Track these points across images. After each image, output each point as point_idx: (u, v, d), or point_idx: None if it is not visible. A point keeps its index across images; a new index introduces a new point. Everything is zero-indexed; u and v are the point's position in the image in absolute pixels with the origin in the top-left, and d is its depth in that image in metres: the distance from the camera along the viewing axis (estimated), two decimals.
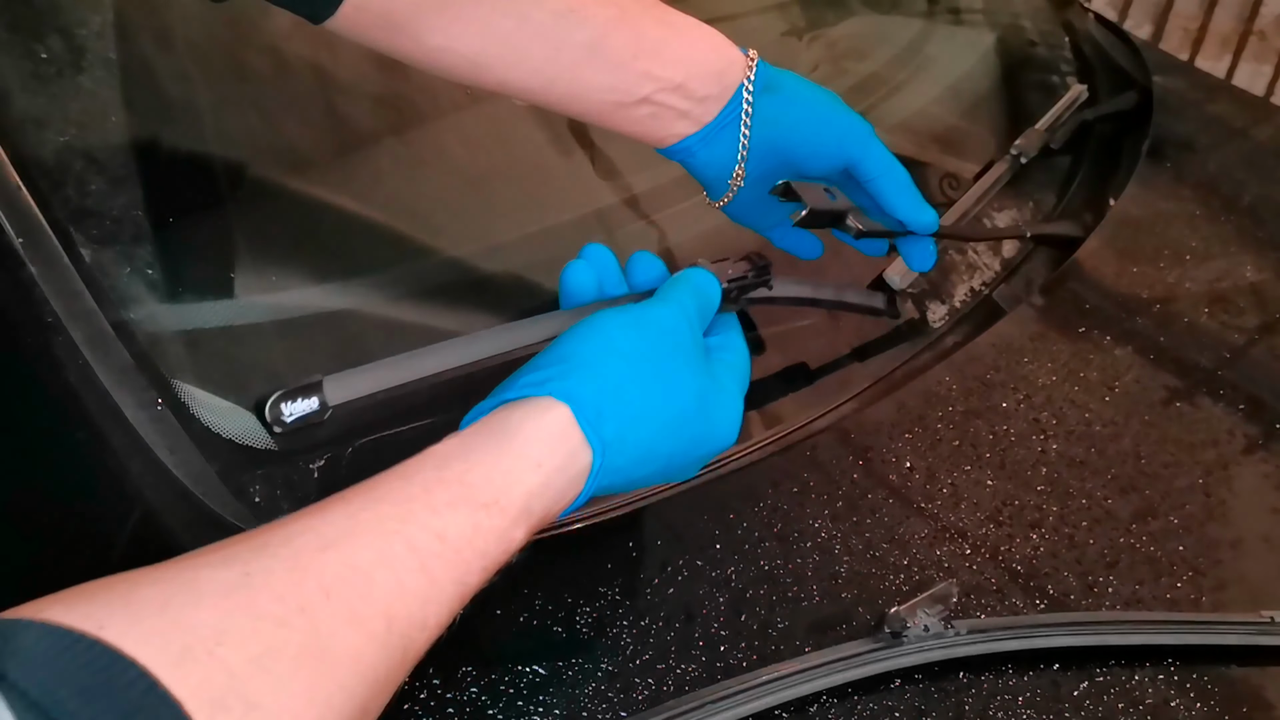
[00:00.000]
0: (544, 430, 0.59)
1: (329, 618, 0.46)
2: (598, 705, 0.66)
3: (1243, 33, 2.54)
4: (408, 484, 0.53)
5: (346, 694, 0.46)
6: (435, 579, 0.51)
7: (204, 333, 0.77)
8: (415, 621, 0.50)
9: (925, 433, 0.85)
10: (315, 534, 0.49)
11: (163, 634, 0.41)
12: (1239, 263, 1.07)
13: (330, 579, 0.47)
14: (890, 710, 0.68)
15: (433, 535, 0.51)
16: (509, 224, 0.93)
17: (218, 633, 0.43)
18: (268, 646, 0.44)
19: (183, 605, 0.43)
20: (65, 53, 0.78)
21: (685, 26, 0.80)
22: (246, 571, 0.45)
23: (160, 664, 0.40)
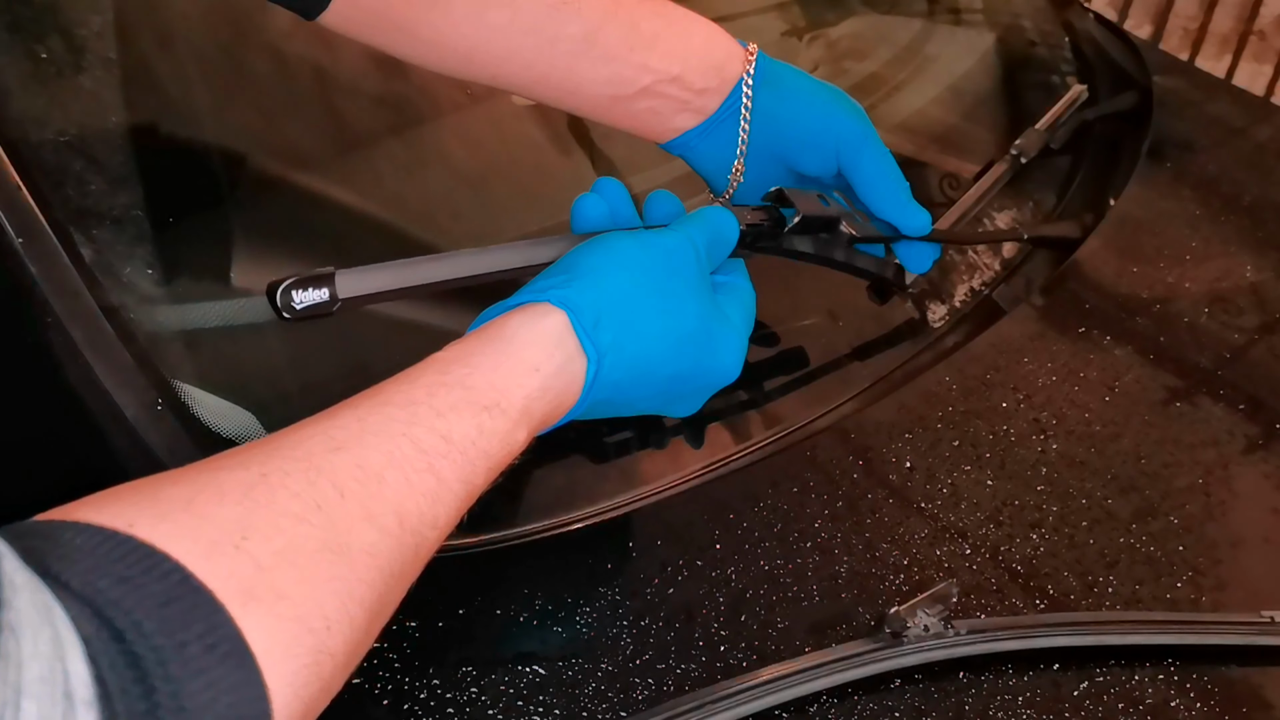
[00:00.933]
0: (541, 335, 0.60)
1: (344, 515, 0.48)
2: (598, 705, 0.66)
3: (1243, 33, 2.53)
4: (412, 387, 0.55)
5: (367, 586, 0.47)
6: (443, 478, 0.53)
7: (204, 333, 0.77)
8: (426, 519, 0.51)
9: (925, 433, 0.85)
10: (326, 437, 0.50)
11: (190, 529, 0.43)
12: (1239, 263, 1.07)
13: (343, 479, 0.49)
14: (890, 710, 0.68)
15: (438, 437, 0.53)
16: (509, 224, 0.93)
17: (242, 528, 0.44)
18: (290, 541, 0.45)
19: (206, 502, 0.45)
20: (65, 53, 0.78)
21: (681, 18, 0.80)
22: (263, 472, 0.47)
23: (190, 557, 0.42)
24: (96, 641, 0.38)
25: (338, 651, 0.46)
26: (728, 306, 0.70)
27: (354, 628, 0.47)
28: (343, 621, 0.46)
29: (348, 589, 0.47)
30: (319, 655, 0.45)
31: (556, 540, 0.74)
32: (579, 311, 0.61)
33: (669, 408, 0.71)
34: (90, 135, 0.77)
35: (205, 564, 0.42)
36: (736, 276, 0.74)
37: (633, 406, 0.68)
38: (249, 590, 0.42)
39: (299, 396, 0.78)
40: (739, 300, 0.72)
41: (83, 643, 0.38)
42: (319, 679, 0.45)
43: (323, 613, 0.45)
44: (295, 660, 0.43)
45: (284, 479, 0.47)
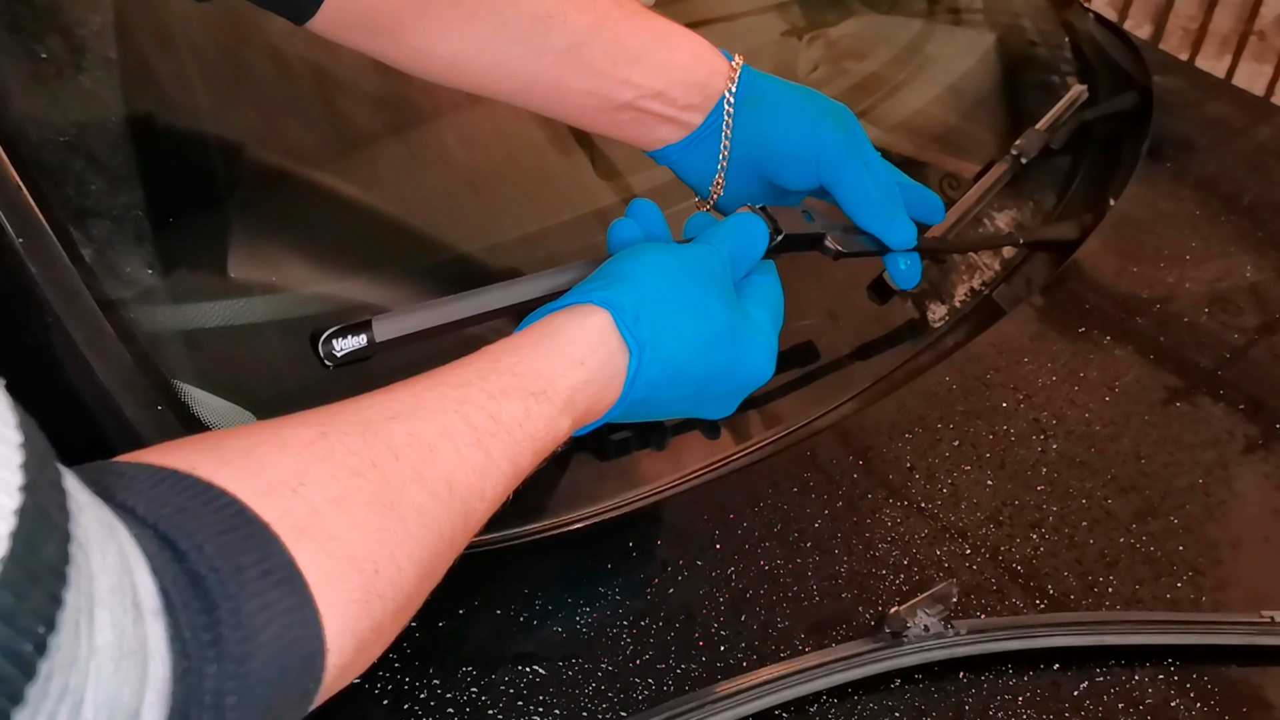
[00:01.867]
0: (586, 331, 0.63)
1: (397, 474, 0.50)
2: (598, 705, 0.66)
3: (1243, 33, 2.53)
4: (464, 371, 0.58)
5: (415, 541, 0.50)
6: (491, 454, 0.55)
7: (204, 333, 0.77)
8: (474, 491, 0.54)
9: (925, 433, 0.85)
10: (383, 406, 0.53)
11: (249, 473, 0.45)
12: (1239, 263, 1.07)
13: (398, 443, 0.51)
14: (890, 710, 0.68)
15: (488, 416, 0.56)
16: (509, 224, 0.93)
17: (299, 475, 0.46)
18: (345, 490, 0.48)
19: (266, 452, 0.47)
20: (65, 53, 0.78)
21: (667, 33, 0.81)
22: (323, 431, 0.49)
23: (248, 495, 0.44)
24: (159, 559, 0.40)
25: (386, 595, 0.48)
26: (754, 309, 0.72)
27: (402, 577, 0.49)
28: (390, 569, 0.48)
29: (396, 540, 0.49)
30: (368, 594, 0.46)
31: (556, 540, 0.74)
32: (621, 309, 0.64)
33: (705, 409, 0.73)
34: (90, 135, 0.77)
35: (262, 502, 0.44)
36: (764, 275, 0.76)
37: (671, 406, 0.70)
38: (302, 528, 0.45)
39: (299, 396, 0.78)
40: (766, 301, 0.74)
41: (147, 559, 0.39)
42: (369, 617, 0.47)
43: (372, 557, 0.47)
44: (346, 594, 0.45)
45: (342, 438, 0.50)
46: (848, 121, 0.83)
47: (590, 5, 0.78)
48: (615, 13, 0.79)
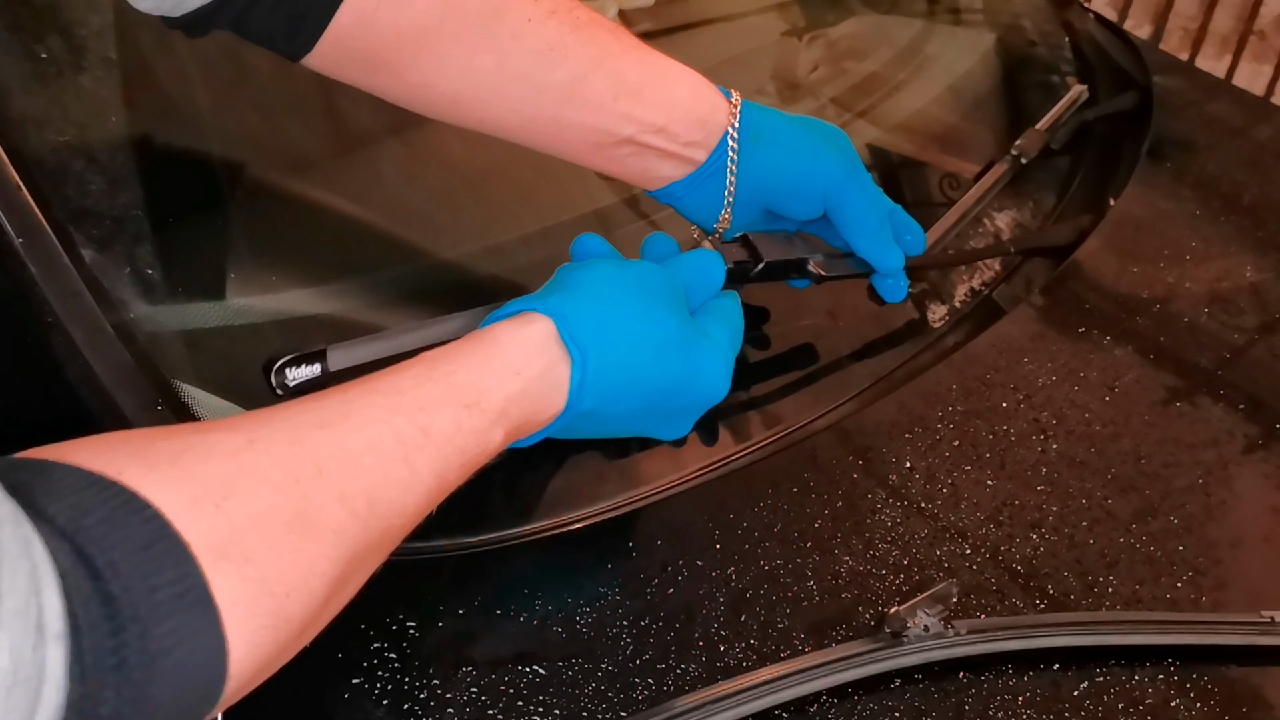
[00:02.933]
0: (525, 340, 0.62)
1: (319, 492, 0.50)
2: (598, 705, 0.66)
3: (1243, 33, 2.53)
4: (398, 379, 0.57)
5: (329, 562, 0.50)
6: (416, 470, 0.55)
7: (204, 333, 0.77)
8: (395, 508, 0.54)
9: (925, 433, 0.85)
10: (314, 414, 0.53)
11: (175, 482, 0.45)
12: (1239, 263, 1.07)
13: (323, 457, 0.51)
14: (890, 710, 0.68)
15: (418, 429, 0.55)
16: (509, 224, 0.93)
17: (224, 488, 0.46)
18: (266, 508, 0.47)
19: (193, 459, 0.47)
20: (65, 53, 0.78)
21: (667, 70, 0.81)
22: (251, 439, 0.49)
23: (172, 509, 0.44)
24: (73, 577, 0.40)
25: (294, 618, 0.48)
26: (711, 325, 0.72)
27: (313, 598, 0.49)
28: (302, 591, 0.48)
29: (310, 562, 0.49)
30: (277, 619, 0.46)
31: (556, 540, 0.74)
32: (563, 317, 0.63)
33: (657, 427, 0.72)
34: (90, 135, 0.77)
35: (185, 518, 0.44)
36: (726, 299, 0.76)
37: (620, 423, 0.69)
38: (221, 549, 0.44)
39: None
40: (724, 319, 0.73)
41: (59, 577, 0.39)
42: (275, 641, 0.47)
43: (284, 580, 0.47)
44: (255, 620, 0.45)
45: (269, 447, 0.49)
46: (845, 148, 0.84)
47: (590, 39, 0.78)
48: (615, 46, 0.79)
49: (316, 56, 0.74)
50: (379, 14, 0.73)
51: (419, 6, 0.74)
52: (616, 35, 0.79)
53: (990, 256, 1.02)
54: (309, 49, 0.73)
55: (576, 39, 0.77)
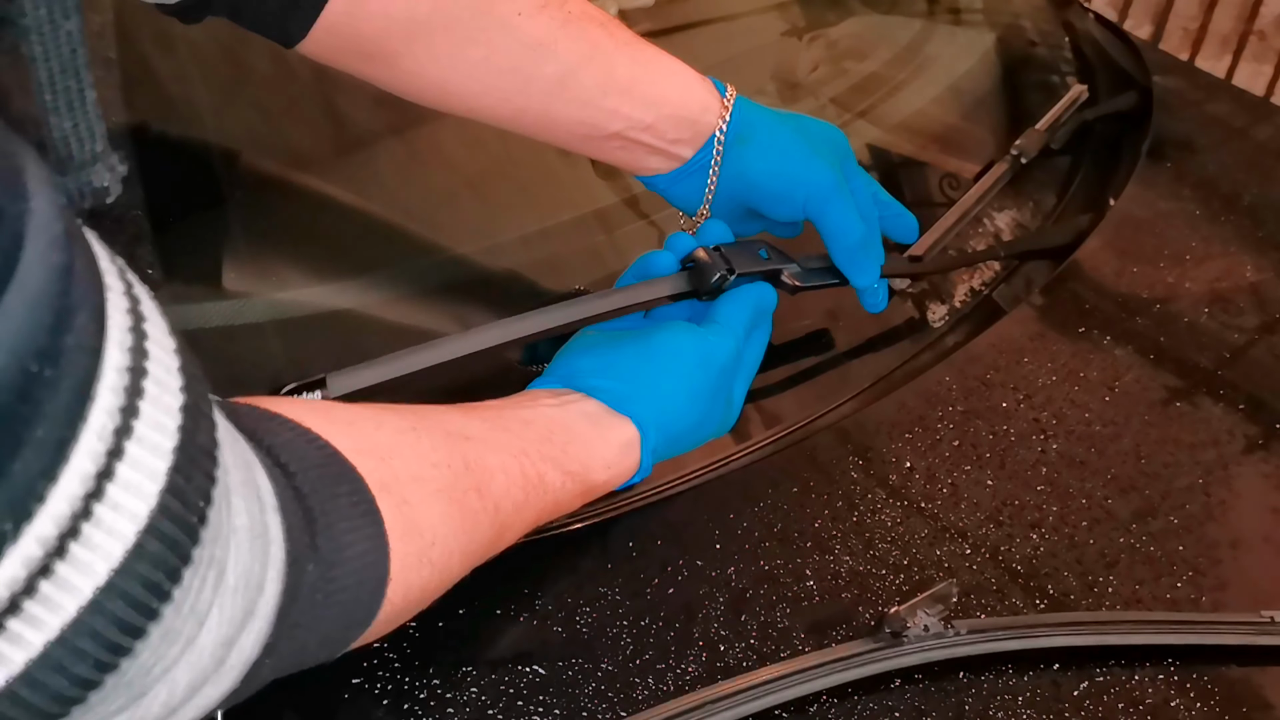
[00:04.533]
0: (622, 444, 0.69)
1: (463, 481, 0.57)
2: (598, 705, 0.66)
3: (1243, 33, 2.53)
4: (525, 429, 0.65)
5: (465, 535, 0.57)
6: (529, 500, 0.63)
7: (204, 333, 0.77)
8: (509, 523, 0.61)
9: (925, 433, 0.85)
10: (461, 424, 0.61)
11: (350, 437, 0.51)
12: (1239, 263, 1.07)
13: (470, 459, 0.58)
14: (890, 710, 0.68)
15: (537, 474, 0.63)
16: (509, 224, 0.93)
17: (390, 450, 0.53)
18: (422, 473, 0.54)
19: (365, 426, 0.54)
20: None
21: (659, 67, 0.82)
22: (414, 426, 0.57)
23: (345, 450, 0.50)
24: (272, 471, 0.45)
25: (436, 564, 0.54)
26: (739, 389, 0.76)
27: (449, 556, 0.55)
28: (443, 545, 0.54)
29: (451, 527, 0.55)
30: (422, 557, 0.53)
31: (556, 540, 0.74)
32: (646, 434, 0.70)
33: None
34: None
35: (356, 458, 0.50)
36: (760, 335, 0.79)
37: None
38: (384, 485, 0.51)
39: None
40: (748, 374, 0.77)
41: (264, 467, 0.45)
42: (419, 575, 0.53)
43: (433, 528, 0.54)
44: (407, 549, 0.51)
45: (429, 435, 0.57)
46: (837, 152, 0.84)
47: (582, 34, 0.78)
48: (607, 43, 0.79)
49: (310, 43, 0.74)
50: (371, 2, 0.74)
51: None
52: (609, 30, 0.80)
53: (980, 262, 1.02)
54: (303, 36, 0.74)
55: (567, 34, 0.77)
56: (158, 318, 0.38)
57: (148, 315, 0.38)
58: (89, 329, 0.35)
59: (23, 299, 0.32)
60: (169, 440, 0.36)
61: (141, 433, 0.36)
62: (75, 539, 0.34)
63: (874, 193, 0.86)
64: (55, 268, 0.33)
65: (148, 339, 0.37)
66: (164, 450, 0.36)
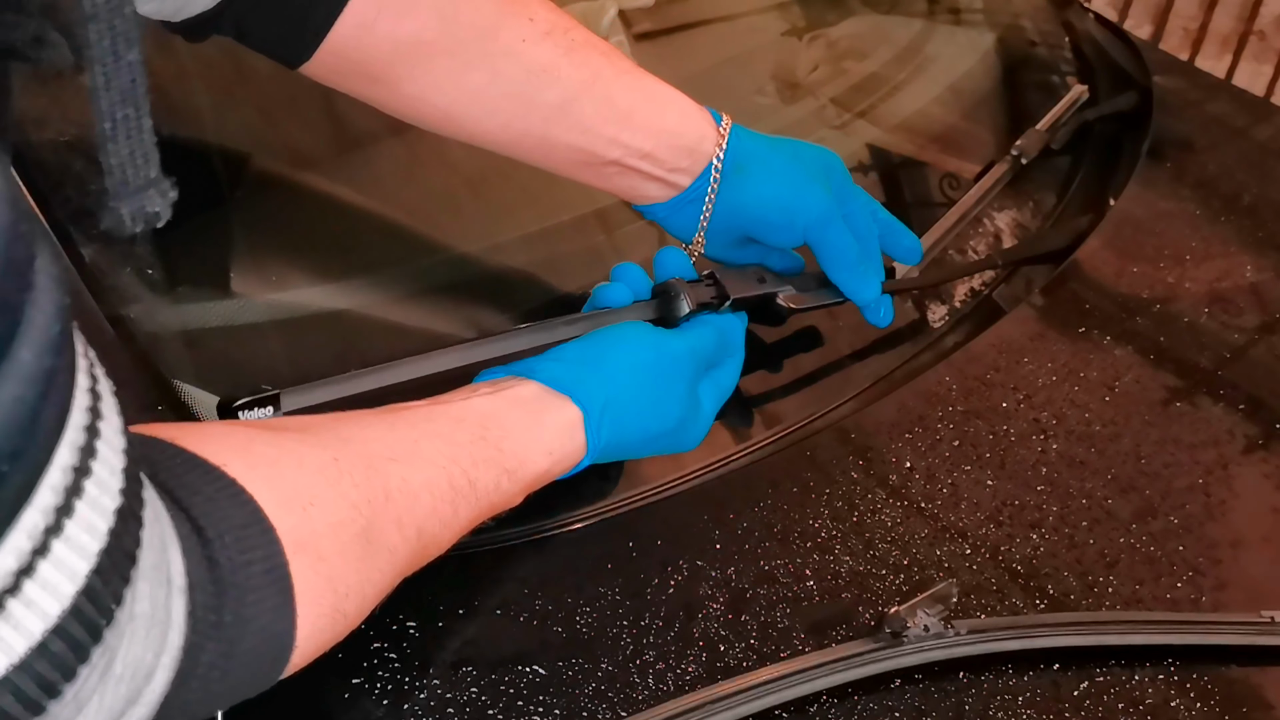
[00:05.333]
0: (560, 426, 0.68)
1: (383, 515, 0.56)
2: (598, 705, 0.66)
3: (1243, 33, 2.53)
4: (457, 430, 0.64)
5: (381, 574, 0.57)
6: (458, 513, 0.62)
7: (204, 333, 0.77)
8: (435, 540, 0.61)
9: (925, 433, 0.85)
10: (385, 444, 0.59)
11: (270, 484, 0.51)
12: (1239, 263, 1.07)
13: (391, 487, 0.57)
14: (890, 710, 0.68)
15: (467, 481, 0.62)
16: (509, 224, 0.93)
17: (310, 496, 0.52)
18: (340, 520, 0.54)
19: (287, 466, 0.53)
20: None
21: (658, 96, 0.82)
22: (335, 457, 0.56)
23: (267, 504, 0.50)
24: (188, 541, 0.45)
25: (349, 614, 0.54)
26: (706, 394, 0.76)
27: (364, 601, 0.56)
28: (356, 594, 0.54)
29: (368, 571, 0.55)
30: (335, 612, 0.53)
31: (556, 540, 0.74)
32: (590, 413, 0.68)
33: None
34: (90, 135, 0.77)
35: (276, 513, 0.49)
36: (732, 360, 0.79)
37: None
38: (301, 544, 0.50)
39: None
40: (719, 385, 0.77)
41: (179, 540, 0.44)
42: (331, 630, 0.53)
43: (346, 581, 0.53)
44: (320, 608, 0.51)
45: (350, 468, 0.56)
46: (833, 177, 0.85)
47: (584, 62, 0.79)
48: (607, 71, 0.80)
49: (315, 65, 0.75)
50: (377, 25, 0.74)
51: (416, 20, 0.75)
52: (610, 59, 0.80)
53: (974, 272, 1.01)
54: (308, 57, 0.74)
55: (569, 61, 0.78)
56: (113, 415, 0.39)
57: (104, 413, 0.38)
58: (50, 428, 0.35)
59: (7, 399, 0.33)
60: (96, 542, 0.37)
61: (71, 532, 0.36)
62: None
63: (873, 211, 0.87)
64: (44, 371, 0.34)
65: (99, 437, 0.37)
66: (89, 552, 0.36)
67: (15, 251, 0.33)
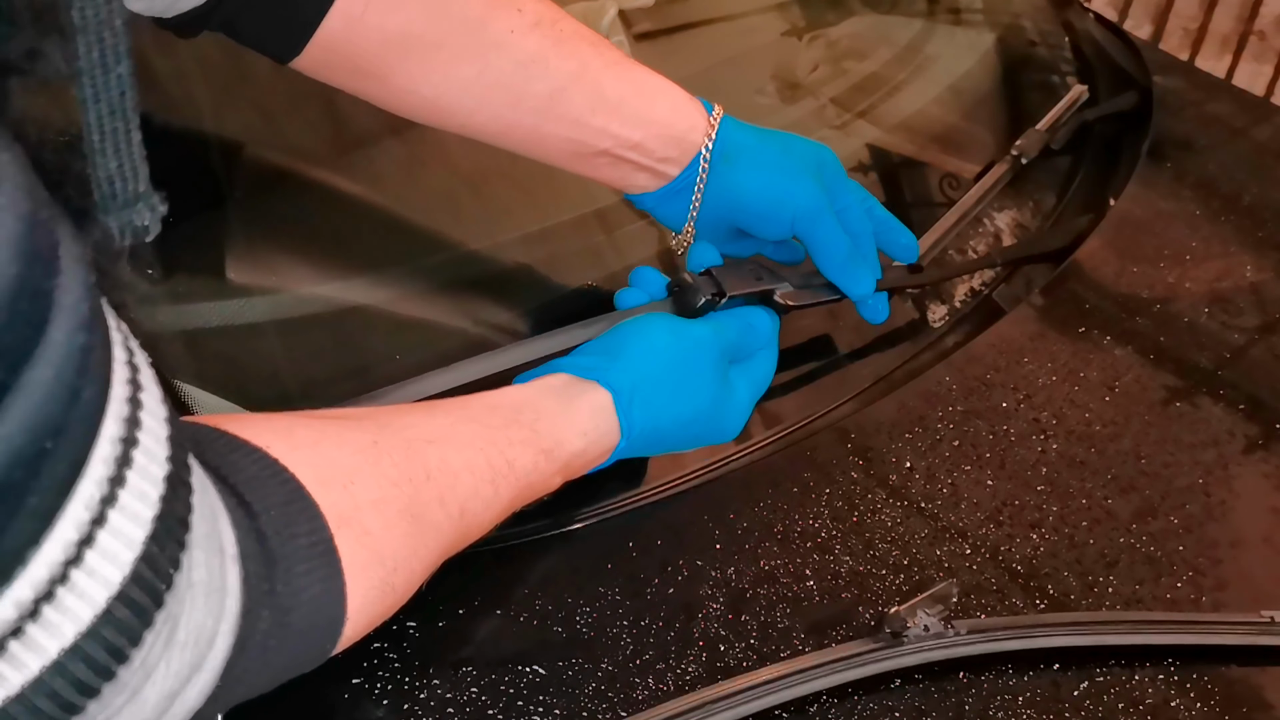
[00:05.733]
0: (593, 408, 0.69)
1: (425, 493, 0.57)
2: (598, 705, 0.66)
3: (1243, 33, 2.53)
4: (491, 415, 0.65)
5: (428, 550, 0.58)
6: (499, 493, 0.62)
7: (204, 333, 0.77)
8: (478, 520, 0.62)
9: (925, 433, 0.85)
10: (424, 428, 0.60)
11: (313, 463, 0.51)
12: (1239, 263, 1.07)
13: (431, 466, 0.58)
14: (890, 710, 0.68)
15: (505, 461, 0.63)
16: (509, 224, 0.93)
17: (352, 473, 0.53)
18: (384, 495, 0.55)
19: (328, 447, 0.54)
20: None
21: (648, 86, 0.82)
22: (375, 440, 0.57)
23: (308, 481, 0.50)
24: (236, 513, 0.46)
25: (398, 588, 0.55)
26: (740, 381, 0.76)
27: (412, 575, 0.56)
28: (405, 568, 0.55)
29: (414, 546, 0.56)
30: (384, 586, 0.54)
31: (556, 540, 0.74)
32: (619, 393, 0.69)
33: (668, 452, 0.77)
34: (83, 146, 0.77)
35: (319, 490, 0.50)
36: (766, 351, 0.79)
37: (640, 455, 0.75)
38: (345, 519, 0.51)
39: (299, 397, 0.79)
40: (753, 375, 0.77)
41: (228, 512, 0.45)
42: (381, 603, 0.54)
43: (394, 555, 0.54)
44: (369, 580, 0.52)
45: (390, 450, 0.57)
46: (825, 171, 0.85)
47: (572, 53, 0.79)
48: (596, 62, 0.80)
49: (305, 59, 0.75)
50: (366, 19, 0.74)
51: (405, 13, 0.75)
52: (599, 50, 0.81)
53: (972, 271, 1.01)
54: (299, 52, 0.75)
55: (558, 52, 0.78)
56: (153, 386, 0.39)
57: (144, 384, 0.39)
58: (94, 404, 0.36)
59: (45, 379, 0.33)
60: (150, 510, 0.38)
61: (125, 501, 0.37)
62: (49, 602, 0.35)
63: (869, 208, 0.87)
64: (79, 348, 0.34)
65: (142, 409, 0.38)
66: (144, 520, 0.37)
67: (39, 239, 0.34)
